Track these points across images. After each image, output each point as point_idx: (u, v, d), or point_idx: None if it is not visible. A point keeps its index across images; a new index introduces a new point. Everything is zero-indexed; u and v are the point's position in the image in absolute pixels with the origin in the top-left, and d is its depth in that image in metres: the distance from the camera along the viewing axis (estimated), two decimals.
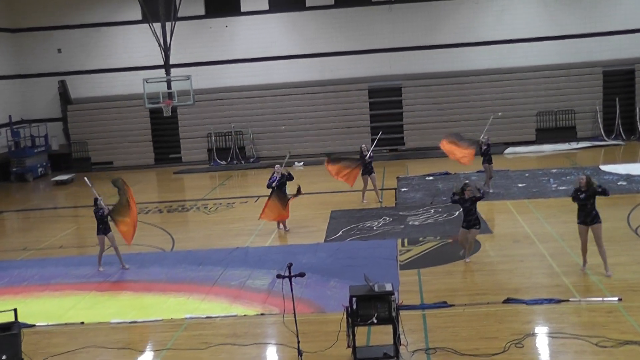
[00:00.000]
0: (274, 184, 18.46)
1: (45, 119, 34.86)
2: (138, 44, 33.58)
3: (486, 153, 21.26)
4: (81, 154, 34.65)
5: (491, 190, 21.31)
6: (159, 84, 26.33)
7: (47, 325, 12.95)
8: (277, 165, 19.21)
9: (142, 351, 11.58)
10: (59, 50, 34.83)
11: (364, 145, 21.63)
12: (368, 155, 21.00)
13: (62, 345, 11.86)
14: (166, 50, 27.77)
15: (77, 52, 34.68)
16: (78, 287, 15.11)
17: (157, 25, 27.56)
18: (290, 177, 18.92)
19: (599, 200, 13.41)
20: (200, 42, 33.90)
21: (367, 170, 21.14)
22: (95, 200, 16.24)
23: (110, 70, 34.44)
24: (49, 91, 34.97)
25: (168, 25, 27.66)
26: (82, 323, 12.93)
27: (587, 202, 13.33)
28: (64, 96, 34.66)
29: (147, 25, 28.54)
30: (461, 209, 14.87)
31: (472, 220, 14.49)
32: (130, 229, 16.09)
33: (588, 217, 13.37)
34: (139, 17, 33.27)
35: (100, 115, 34.35)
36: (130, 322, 12.79)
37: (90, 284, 15.31)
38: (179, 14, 29.46)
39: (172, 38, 28.06)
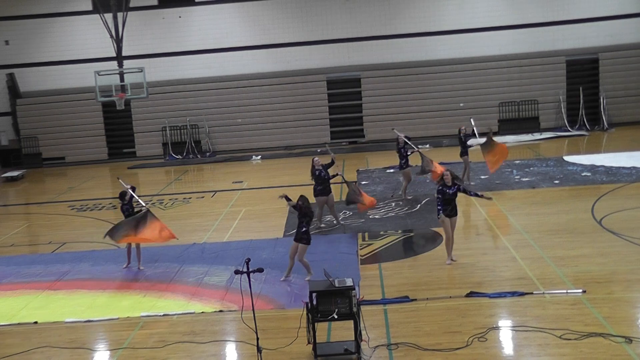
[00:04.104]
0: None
1: None
2: (89, 35, 32.83)
3: (465, 144, 20.81)
4: (32, 150, 33.90)
5: (472, 183, 20.98)
6: (112, 77, 25.98)
7: None
8: (316, 158, 17.92)
9: (97, 351, 11.28)
10: (7, 42, 33.95)
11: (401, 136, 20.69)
12: (409, 151, 20.12)
13: (15, 346, 11.54)
14: (118, 41, 27.27)
15: (25, 44, 33.81)
16: (30, 286, 14.69)
17: (109, 16, 27.05)
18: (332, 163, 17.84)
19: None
20: (153, 33, 33.34)
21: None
22: (123, 195, 15.50)
23: (61, 62, 33.66)
24: None
25: (120, 15, 27.13)
26: (36, 323, 12.59)
27: (454, 197, 13.88)
28: (13, 90, 33.84)
29: (97, 15, 27.96)
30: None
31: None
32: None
33: (453, 210, 13.93)
34: (89, 7, 32.62)
35: (51, 109, 33.68)
36: (85, 321, 12.48)
37: (43, 282, 14.90)
38: (131, 4, 28.94)
39: (124, 29, 27.57)
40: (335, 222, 17.91)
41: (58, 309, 13.22)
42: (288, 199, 13.63)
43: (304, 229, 13.34)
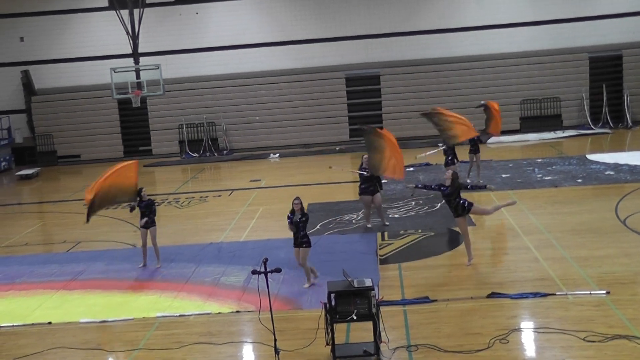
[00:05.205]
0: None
1: (8, 110, 34.17)
2: (105, 32, 32.87)
3: (473, 141, 20.54)
4: (46, 147, 33.99)
5: (482, 181, 20.66)
6: (128, 74, 25.98)
7: (13, 325, 12.56)
8: (366, 156, 16.76)
9: (112, 352, 11.20)
10: (22, 39, 34.09)
11: None
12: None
13: (29, 346, 11.52)
14: (134, 38, 27.22)
15: (40, 41, 33.92)
16: (44, 286, 14.68)
17: (125, 13, 27.02)
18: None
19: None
20: (169, 29, 33.34)
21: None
22: (140, 190, 15.48)
23: (76, 59, 33.75)
24: (12, 81, 34.21)
25: (136, 12, 27.11)
26: (50, 323, 12.56)
27: (450, 197, 13.83)
28: (28, 87, 33.96)
29: (114, 12, 27.93)
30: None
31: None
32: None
33: (457, 209, 13.85)
34: (105, 3, 32.67)
35: (66, 107, 33.76)
36: (100, 322, 12.44)
37: (58, 282, 14.88)
38: (147, 1, 28.87)
39: (141, 25, 27.52)
40: (380, 222, 17.36)
41: (73, 309, 13.19)
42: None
43: (303, 232, 13.22)
